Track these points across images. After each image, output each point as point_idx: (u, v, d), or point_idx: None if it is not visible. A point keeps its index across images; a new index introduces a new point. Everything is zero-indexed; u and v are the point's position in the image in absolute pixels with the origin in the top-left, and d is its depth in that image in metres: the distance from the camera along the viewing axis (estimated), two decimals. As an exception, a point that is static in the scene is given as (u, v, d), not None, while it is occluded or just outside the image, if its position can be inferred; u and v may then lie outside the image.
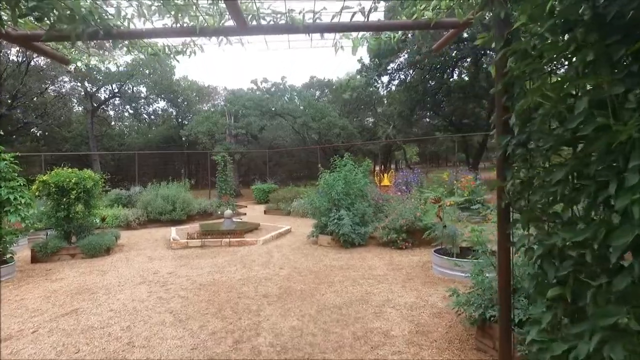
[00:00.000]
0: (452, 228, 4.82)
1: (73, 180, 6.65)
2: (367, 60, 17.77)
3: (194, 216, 11.13)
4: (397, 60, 16.84)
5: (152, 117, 30.87)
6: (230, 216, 8.16)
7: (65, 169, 6.98)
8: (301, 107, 20.62)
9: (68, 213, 6.66)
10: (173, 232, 8.07)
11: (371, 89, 26.12)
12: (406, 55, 17.75)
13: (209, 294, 4.35)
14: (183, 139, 27.86)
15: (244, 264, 5.72)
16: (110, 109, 30.28)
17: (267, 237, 7.37)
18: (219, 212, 11.96)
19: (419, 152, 44.23)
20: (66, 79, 21.99)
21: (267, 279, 4.91)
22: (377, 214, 7.45)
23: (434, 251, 5.12)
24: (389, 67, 17.29)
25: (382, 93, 23.43)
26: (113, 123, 32.14)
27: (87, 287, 4.79)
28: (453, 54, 19.43)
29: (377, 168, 25.51)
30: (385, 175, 15.62)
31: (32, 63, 18.83)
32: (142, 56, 3.18)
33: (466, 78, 22.54)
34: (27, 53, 17.15)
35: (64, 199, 6.59)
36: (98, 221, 7.63)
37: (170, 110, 31.24)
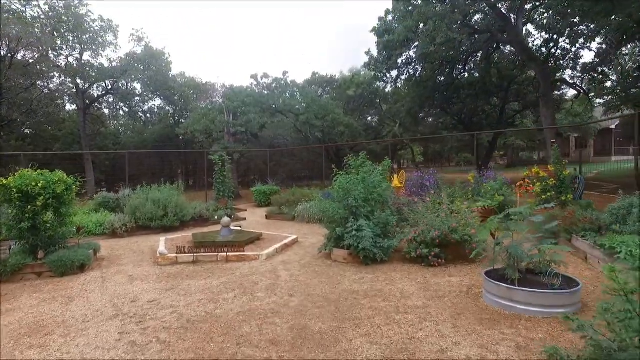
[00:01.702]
0: (515, 247, 3.73)
1: (40, 184, 5.56)
2: (375, 53, 16.69)
3: (188, 222, 10.04)
4: (405, 54, 15.76)
5: (148, 115, 29.72)
6: (227, 224, 7.08)
7: (31, 170, 5.90)
8: (303, 104, 19.54)
9: (34, 223, 5.56)
10: (161, 243, 6.98)
11: (376, 85, 25.05)
12: (415, 49, 16.66)
13: (199, 338, 3.27)
14: (180, 137, 26.74)
15: (245, 288, 4.63)
16: (105, 107, 29.15)
17: (271, 250, 6.29)
18: (216, 217, 10.83)
19: (422, 151, 43.15)
20: (55, 74, 20.83)
21: (275, 312, 3.83)
22: (399, 223, 6.38)
23: (485, 274, 4.06)
24: (399, 61, 16.20)
25: (389, 89, 22.37)
26: (109, 122, 31.07)
27: (43, 324, 3.71)
28: (463, 48, 18.37)
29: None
30: (395, 176, 14.53)
31: (18, 57, 17.70)
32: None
33: (476, 74, 21.52)
34: (10, 46, 16.01)
35: (29, 207, 5.50)
36: (73, 231, 6.52)
37: (167, 108, 30.11)
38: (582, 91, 18.54)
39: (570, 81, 19.61)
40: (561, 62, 19.01)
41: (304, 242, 7.44)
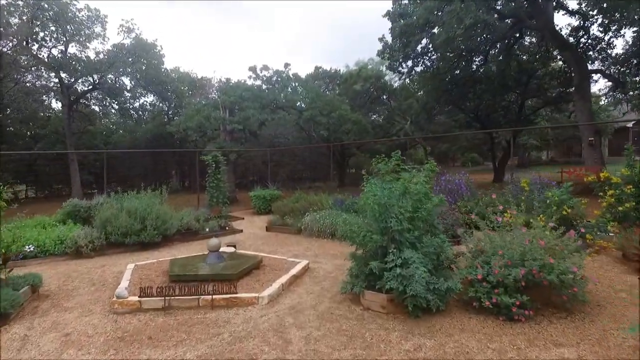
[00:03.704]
0: None
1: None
2: (389, 39, 14.86)
3: (173, 237, 8.29)
4: (424, 40, 13.88)
5: (140, 112, 27.92)
6: (216, 248, 5.33)
7: None
8: (307, 100, 17.78)
9: None
10: (126, 275, 5.23)
11: (384, 80, 23.30)
12: (433, 36, 14.81)
13: None
14: (175, 136, 25.01)
15: (235, 371, 2.89)
16: (94, 104, 27.32)
17: (275, 287, 4.54)
18: (207, 230, 9.15)
19: (430, 151, 41.23)
20: (33, 66, 19.02)
21: None
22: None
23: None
24: (417, 48, 14.37)
25: (398, 84, 20.62)
26: (100, 120, 29.30)
27: None
28: (484, 37, 16.60)
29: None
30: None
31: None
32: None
33: (493, 68, 19.75)
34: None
35: None
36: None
37: (160, 105, 28.32)
38: (619, 83, 16.79)
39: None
40: (590, 53, 17.27)
41: (317, 270, 5.69)
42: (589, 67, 18.18)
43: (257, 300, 4.21)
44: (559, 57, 18.76)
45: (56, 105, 25.93)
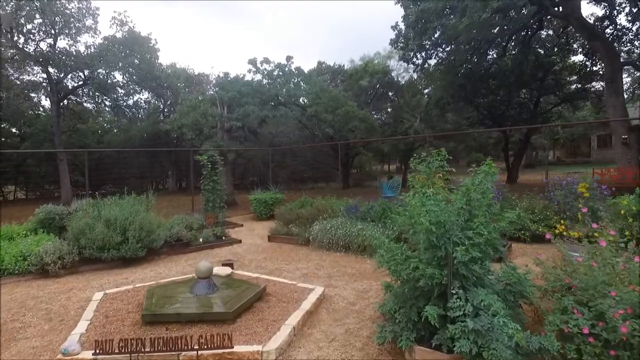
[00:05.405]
0: None
1: None
2: (403, 27, 13.57)
3: (160, 249, 7.11)
4: (442, 27, 12.56)
5: (134, 110, 26.69)
6: (207, 274, 4.12)
7: None
8: (310, 95, 16.59)
9: None
10: (86, 313, 4.03)
11: (391, 76, 22.10)
12: (443, 27, 13.50)
13: None
14: (174, 135, 23.80)
15: None
16: (85, 101, 26.08)
17: (285, 334, 3.34)
18: (201, 240, 7.96)
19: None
20: (16, 58, 17.83)
21: None
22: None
23: None
24: (435, 36, 13.08)
25: (405, 80, 19.48)
26: (96, 118, 28.11)
27: None
28: (495, 30, 15.34)
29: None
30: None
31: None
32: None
33: (508, 62, 18.56)
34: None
35: None
36: None
37: (156, 102, 27.09)
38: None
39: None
40: (615, 44, 16.10)
41: (335, 299, 4.49)
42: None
43: (260, 356, 3.01)
44: (580, 50, 17.64)
45: (46, 102, 24.77)
